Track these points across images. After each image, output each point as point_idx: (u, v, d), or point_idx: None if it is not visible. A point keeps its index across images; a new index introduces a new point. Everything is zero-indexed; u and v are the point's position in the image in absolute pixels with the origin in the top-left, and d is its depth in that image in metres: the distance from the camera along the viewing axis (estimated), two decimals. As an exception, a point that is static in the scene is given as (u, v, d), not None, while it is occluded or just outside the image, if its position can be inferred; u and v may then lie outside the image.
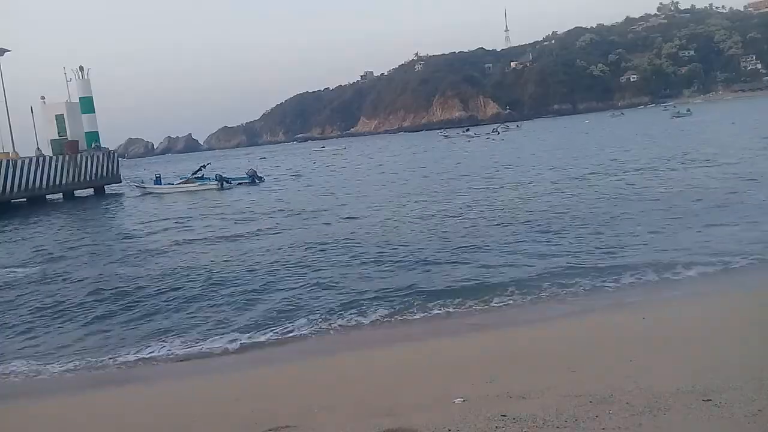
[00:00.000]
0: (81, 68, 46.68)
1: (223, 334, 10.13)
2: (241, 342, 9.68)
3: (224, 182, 40.51)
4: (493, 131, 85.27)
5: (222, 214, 27.14)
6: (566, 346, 7.47)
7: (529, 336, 8.40)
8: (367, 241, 17.14)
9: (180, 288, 13.62)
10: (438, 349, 8.15)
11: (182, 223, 25.32)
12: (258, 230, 21.15)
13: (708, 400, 4.44)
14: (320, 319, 10.37)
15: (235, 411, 6.30)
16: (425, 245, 15.70)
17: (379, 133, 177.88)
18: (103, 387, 8.38)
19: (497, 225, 17.66)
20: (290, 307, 11.23)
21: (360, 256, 15.05)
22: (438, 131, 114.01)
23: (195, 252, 18.02)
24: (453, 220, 19.39)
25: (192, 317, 11.27)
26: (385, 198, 27.22)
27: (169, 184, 42.46)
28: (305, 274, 13.72)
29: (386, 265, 13.92)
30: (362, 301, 11.18)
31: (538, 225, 17.00)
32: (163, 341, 10.04)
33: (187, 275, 14.83)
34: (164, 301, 12.62)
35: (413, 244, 15.93)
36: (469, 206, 22.00)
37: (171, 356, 9.38)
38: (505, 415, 4.59)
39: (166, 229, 23.77)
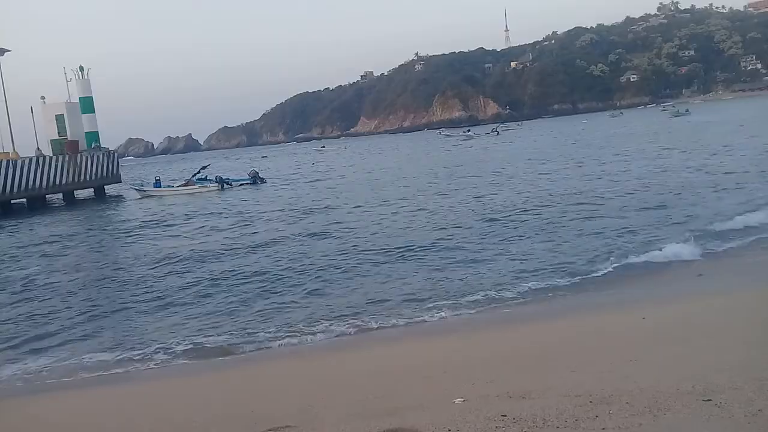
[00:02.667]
0: (81, 68, 46.66)
1: (222, 334, 10.13)
2: (241, 342, 9.70)
3: (224, 184, 40.47)
4: (492, 131, 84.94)
5: (221, 214, 27.20)
6: (566, 346, 7.47)
7: (529, 336, 8.39)
8: (365, 242, 17.15)
9: (179, 288, 13.63)
10: (438, 349, 8.15)
11: (178, 224, 25.36)
12: (257, 232, 21.17)
13: (708, 400, 4.44)
14: (320, 320, 10.38)
15: (235, 411, 6.30)
16: (423, 246, 15.72)
17: (379, 133, 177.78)
18: (103, 387, 8.38)
19: (489, 226, 17.67)
20: (289, 308, 11.23)
21: (359, 259, 15.05)
22: (438, 130, 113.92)
23: (194, 253, 18.02)
24: (446, 221, 19.40)
25: (191, 317, 11.28)
26: (382, 200, 27.23)
27: (168, 186, 42.40)
28: (305, 276, 13.73)
29: (385, 266, 13.92)
30: (360, 302, 11.19)
31: (532, 226, 17.04)
32: (162, 341, 10.05)
33: (186, 276, 14.84)
34: (163, 301, 12.63)
35: (412, 246, 15.95)
36: (457, 207, 22.03)
37: (171, 356, 9.38)
38: (505, 415, 4.59)
39: (161, 231, 23.78)
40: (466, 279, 12.12)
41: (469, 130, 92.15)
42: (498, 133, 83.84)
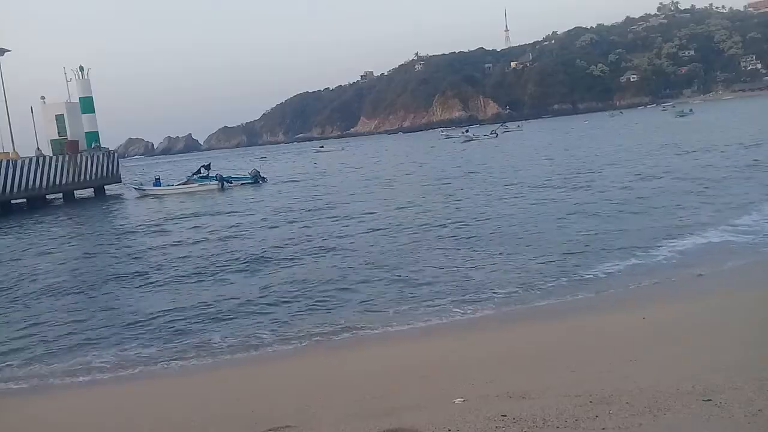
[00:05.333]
0: (81, 68, 46.69)
1: (222, 334, 10.12)
2: (242, 342, 9.68)
3: (224, 183, 40.47)
4: (491, 133, 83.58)
5: (220, 213, 27.23)
6: (566, 346, 7.47)
7: (529, 336, 8.39)
8: (366, 243, 17.15)
9: (178, 288, 13.62)
10: (438, 349, 8.15)
11: (177, 225, 25.36)
12: (255, 230, 21.17)
13: (708, 400, 4.43)
14: (319, 320, 10.37)
15: (235, 411, 6.30)
16: (424, 246, 15.72)
17: (379, 133, 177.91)
18: (103, 387, 8.38)
19: (489, 227, 17.65)
20: (290, 308, 11.22)
21: (360, 260, 15.02)
22: (439, 130, 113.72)
23: (194, 253, 18.02)
24: (447, 223, 19.40)
25: (191, 317, 11.25)
26: (381, 200, 27.25)
27: (168, 185, 42.41)
28: (304, 276, 13.71)
29: (386, 267, 13.91)
30: (361, 303, 11.18)
31: (531, 226, 17.04)
32: (162, 341, 10.04)
33: (186, 276, 14.83)
34: (162, 302, 12.61)
35: (411, 248, 15.95)
36: (462, 210, 22.05)
37: (171, 356, 9.37)
38: (505, 415, 4.58)
39: (159, 231, 23.74)
40: (466, 278, 12.10)
41: (467, 131, 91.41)
42: (497, 135, 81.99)
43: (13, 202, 38.72)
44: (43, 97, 45.62)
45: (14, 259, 20.17)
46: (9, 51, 43.03)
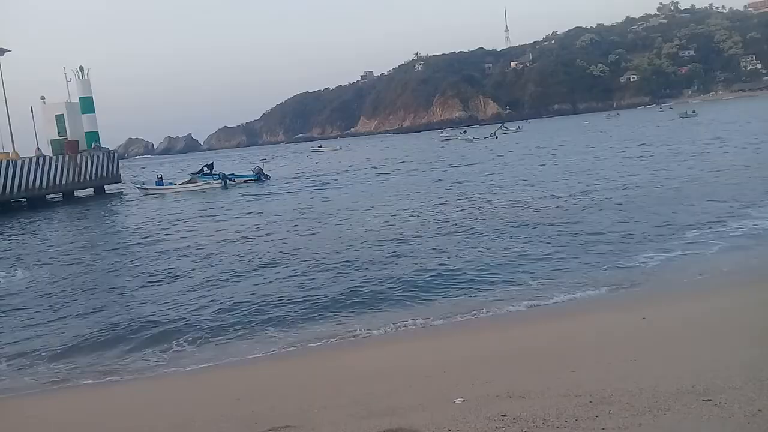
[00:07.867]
0: (81, 68, 46.76)
1: (222, 334, 10.13)
2: (243, 342, 9.68)
3: (227, 180, 40.56)
4: (491, 135, 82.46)
5: (221, 212, 27.20)
6: (566, 346, 7.46)
7: (529, 336, 8.39)
8: (365, 244, 17.14)
9: (179, 289, 13.62)
10: (438, 349, 8.15)
11: (177, 223, 25.34)
12: (257, 230, 21.17)
13: (708, 400, 4.43)
14: (320, 320, 10.37)
15: (235, 411, 6.30)
16: (425, 247, 15.71)
17: (379, 133, 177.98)
18: (103, 387, 8.38)
19: (490, 227, 17.63)
20: (289, 308, 11.22)
21: (368, 259, 14.99)
22: (438, 132, 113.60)
23: (195, 253, 18.01)
24: (449, 223, 19.40)
25: (192, 318, 11.26)
26: (382, 199, 27.24)
27: (170, 183, 42.48)
28: (310, 276, 13.71)
29: (385, 266, 13.91)
30: (361, 302, 11.18)
31: (530, 228, 17.04)
32: (163, 341, 10.05)
33: (187, 277, 14.83)
34: (164, 301, 12.62)
35: (413, 248, 15.94)
36: (461, 210, 22.04)
37: (170, 356, 9.38)
38: (505, 415, 4.58)
39: (160, 230, 23.75)
40: (464, 280, 12.10)
41: (465, 132, 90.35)
42: (497, 137, 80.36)
43: (12, 201, 38.77)
44: (43, 97, 45.76)
45: (14, 258, 20.16)
46: (9, 51, 43.11)
